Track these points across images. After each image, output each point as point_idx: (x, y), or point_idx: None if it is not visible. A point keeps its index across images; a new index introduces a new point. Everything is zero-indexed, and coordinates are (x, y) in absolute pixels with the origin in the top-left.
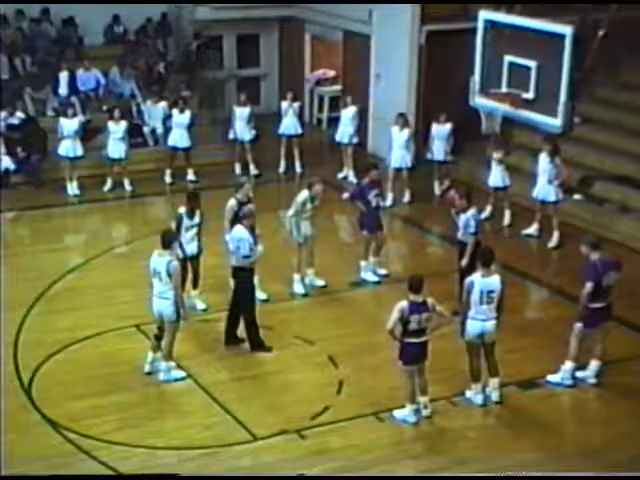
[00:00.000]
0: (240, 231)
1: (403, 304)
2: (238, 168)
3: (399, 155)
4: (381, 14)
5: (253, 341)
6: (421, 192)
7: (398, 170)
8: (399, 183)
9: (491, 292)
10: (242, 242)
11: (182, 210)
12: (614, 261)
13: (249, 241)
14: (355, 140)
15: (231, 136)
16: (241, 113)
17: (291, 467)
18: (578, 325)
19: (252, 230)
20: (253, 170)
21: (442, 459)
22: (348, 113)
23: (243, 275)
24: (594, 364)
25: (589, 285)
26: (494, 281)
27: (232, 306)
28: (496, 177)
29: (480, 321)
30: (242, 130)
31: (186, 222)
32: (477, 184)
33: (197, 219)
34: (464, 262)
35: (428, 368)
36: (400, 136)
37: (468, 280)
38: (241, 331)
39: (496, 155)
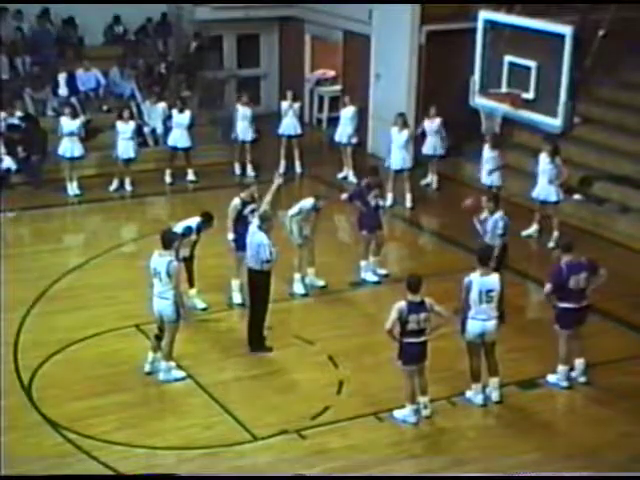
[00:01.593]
0: (260, 236)
1: (401, 304)
2: (238, 168)
3: (399, 156)
4: (381, 14)
5: (254, 341)
6: (421, 192)
7: (399, 172)
8: (399, 184)
9: (490, 291)
10: (262, 247)
11: (193, 223)
12: (587, 263)
13: (269, 245)
14: (354, 140)
15: (235, 136)
16: (244, 113)
17: (291, 467)
18: (555, 327)
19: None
20: (250, 172)
21: (442, 459)
22: (347, 113)
23: (260, 278)
24: (578, 362)
25: (548, 286)
26: (493, 280)
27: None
28: (489, 176)
29: (480, 321)
30: (244, 130)
31: (192, 236)
32: (477, 184)
33: (199, 237)
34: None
35: (428, 368)
36: (399, 137)
37: (467, 279)
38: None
39: (492, 154)
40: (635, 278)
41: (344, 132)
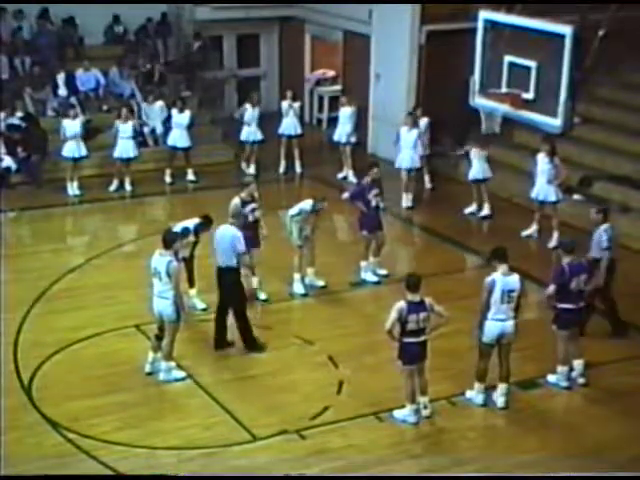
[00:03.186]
0: (231, 230)
1: (401, 304)
2: (245, 166)
3: (408, 156)
4: (381, 14)
5: (247, 340)
6: (421, 192)
7: (409, 171)
8: (400, 183)
9: (511, 291)
10: (236, 239)
11: (191, 225)
12: (587, 264)
13: (241, 238)
14: (353, 139)
15: (243, 137)
16: (253, 113)
17: (291, 467)
18: (554, 328)
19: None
20: (252, 170)
21: (442, 459)
22: (345, 113)
23: (233, 275)
24: (577, 363)
25: (551, 288)
26: (514, 280)
27: (221, 310)
28: (477, 170)
29: (500, 322)
30: (255, 130)
31: (190, 237)
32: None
33: (198, 238)
34: (601, 279)
35: (428, 368)
36: (409, 136)
37: (489, 279)
38: (231, 334)
39: (482, 152)
40: (635, 278)
41: (342, 132)
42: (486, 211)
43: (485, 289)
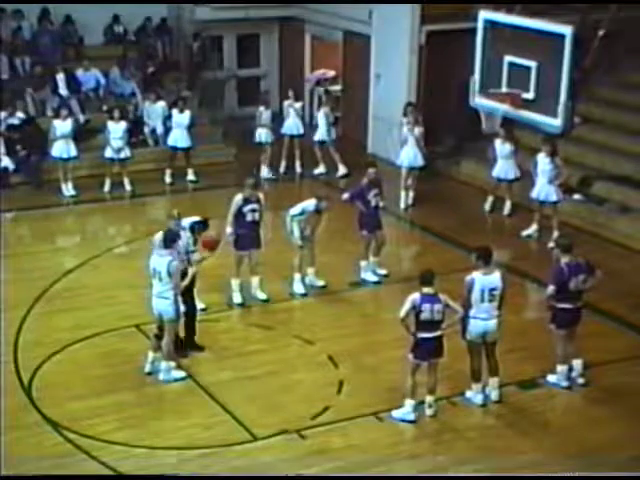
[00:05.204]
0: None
1: (415, 295)
2: (267, 171)
3: (411, 154)
4: (381, 14)
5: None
6: (422, 192)
7: (411, 169)
8: (400, 183)
9: (493, 290)
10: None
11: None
12: (585, 264)
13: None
14: (328, 138)
15: (262, 139)
16: (267, 114)
17: (291, 467)
18: (551, 327)
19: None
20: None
21: (442, 459)
22: (320, 113)
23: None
24: (576, 363)
25: (551, 288)
26: (495, 278)
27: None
28: (502, 169)
29: (482, 320)
30: (267, 132)
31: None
32: (477, 184)
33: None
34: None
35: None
36: (410, 134)
37: (469, 278)
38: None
39: (509, 148)
40: (635, 278)
41: (320, 131)
42: (489, 205)
43: (465, 288)
